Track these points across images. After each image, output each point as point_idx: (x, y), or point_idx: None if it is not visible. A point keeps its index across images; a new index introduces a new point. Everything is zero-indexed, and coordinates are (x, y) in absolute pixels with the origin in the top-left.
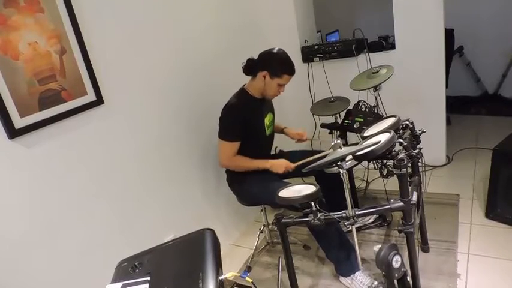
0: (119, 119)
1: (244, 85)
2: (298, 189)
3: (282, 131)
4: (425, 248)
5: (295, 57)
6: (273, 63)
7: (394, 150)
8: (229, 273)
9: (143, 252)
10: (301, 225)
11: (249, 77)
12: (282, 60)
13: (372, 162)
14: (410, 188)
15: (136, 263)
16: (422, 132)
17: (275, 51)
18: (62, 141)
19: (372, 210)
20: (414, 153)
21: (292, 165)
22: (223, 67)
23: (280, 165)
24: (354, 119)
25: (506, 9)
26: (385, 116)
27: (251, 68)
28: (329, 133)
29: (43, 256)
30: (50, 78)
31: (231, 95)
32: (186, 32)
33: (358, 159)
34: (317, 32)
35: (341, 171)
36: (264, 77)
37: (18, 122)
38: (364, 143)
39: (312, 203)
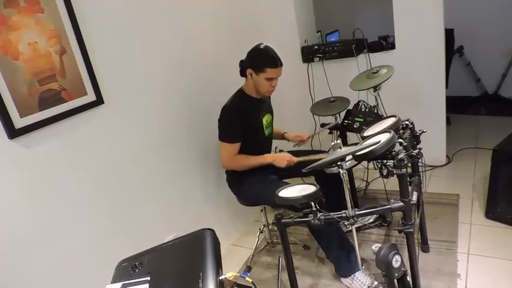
0: (119, 119)
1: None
2: (298, 189)
3: (282, 136)
4: (425, 248)
5: (295, 57)
6: (255, 59)
7: (394, 150)
8: (229, 273)
9: (143, 252)
10: (301, 225)
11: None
12: (263, 55)
13: (372, 162)
14: (410, 188)
15: (136, 263)
16: (422, 132)
17: (257, 47)
18: (62, 141)
19: (372, 210)
20: (414, 153)
21: (295, 159)
22: (223, 67)
23: (283, 158)
24: (354, 119)
25: (506, 9)
26: (385, 116)
27: (242, 69)
28: (329, 133)
29: (43, 256)
30: (50, 78)
31: (231, 95)
32: (186, 32)
33: (358, 159)
34: (317, 32)
35: (341, 171)
36: (251, 74)
37: (18, 122)
38: (364, 143)
39: (312, 203)
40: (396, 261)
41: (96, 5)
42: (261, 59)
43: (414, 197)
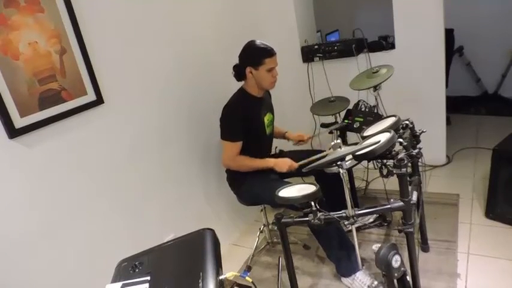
0: (119, 118)
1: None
2: (298, 189)
3: (283, 136)
4: (425, 248)
5: (295, 57)
6: (251, 56)
7: (394, 150)
8: (229, 273)
9: (143, 252)
10: (301, 225)
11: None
12: (256, 49)
13: (371, 162)
14: (410, 187)
15: (136, 263)
16: (422, 132)
17: (247, 45)
18: (62, 141)
19: (372, 210)
20: (414, 153)
21: (296, 165)
22: (223, 67)
23: (284, 163)
24: (353, 118)
25: (506, 9)
26: (385, 115)
27: (239, 72)
28: (329, 133)
29: (43, 256)
30: (50, 78)
31: (231, 95)
32: (186, 32)
33: (358, 159)
34: (317, 31)
35: (341, 171)
36: (251, 72)
37: (19, 122)
38: (364, 143)
39: (312, 203)
40: (396, 261)
41: (96, 5)
42: (256, 53)
43: (414, 197)
